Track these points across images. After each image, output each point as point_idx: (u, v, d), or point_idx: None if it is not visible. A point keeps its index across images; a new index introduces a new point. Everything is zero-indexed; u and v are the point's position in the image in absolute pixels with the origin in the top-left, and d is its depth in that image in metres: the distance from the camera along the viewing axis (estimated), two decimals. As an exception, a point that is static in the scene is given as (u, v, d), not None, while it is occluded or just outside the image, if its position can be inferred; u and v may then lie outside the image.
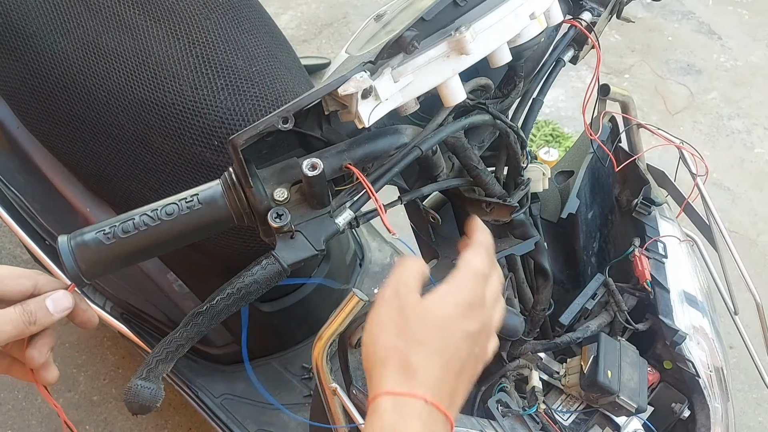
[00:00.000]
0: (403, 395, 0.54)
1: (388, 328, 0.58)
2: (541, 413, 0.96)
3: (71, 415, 1.83)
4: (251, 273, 0.59)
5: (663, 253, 1.09)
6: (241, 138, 0.58)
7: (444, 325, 0.58)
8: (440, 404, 0.55)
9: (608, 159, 1.10)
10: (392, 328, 0.58)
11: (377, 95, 0.61)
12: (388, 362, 0.56)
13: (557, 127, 2.50)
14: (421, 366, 0.56)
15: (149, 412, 0.59)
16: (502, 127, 0.79)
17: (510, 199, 0.83)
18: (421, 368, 0.56)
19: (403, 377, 0.55)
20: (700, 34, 2.90)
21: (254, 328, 1.46)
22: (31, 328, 0.60)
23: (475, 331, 0.59)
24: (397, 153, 0.67)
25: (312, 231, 0.61)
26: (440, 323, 0.58)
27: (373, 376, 0.57)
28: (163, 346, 0.59)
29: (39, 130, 1.21)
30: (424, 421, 0.54)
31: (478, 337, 0.60)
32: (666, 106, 2.63)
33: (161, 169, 1.10)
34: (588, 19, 0.91)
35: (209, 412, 1.44)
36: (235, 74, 1.09)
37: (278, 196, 0.62)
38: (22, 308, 0.60)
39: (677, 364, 1.04)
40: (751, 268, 1.24)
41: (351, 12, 2.94)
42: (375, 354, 0.58)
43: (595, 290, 1.08)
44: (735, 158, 2.48)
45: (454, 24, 0.65)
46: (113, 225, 0.60)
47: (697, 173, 1.15)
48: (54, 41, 1.13)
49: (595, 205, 1.12)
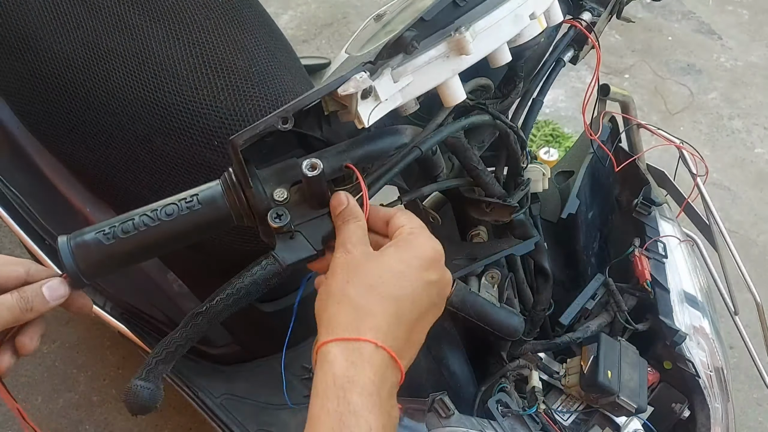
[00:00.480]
0: (352, 340, 0.53)
1: (339, 276, 0.57)
2: (541, 413, 0.96)
3: (71, 415, 1.83)
4: (251, 273, 0.59)
5: (663, 253, 1.09)
6: (241, 138, 0.58)
7: (402, 272, 0.56)
8: (391, 350, 0.53)
9: (608, 159, 1.10)
10: (342, 277, 0.56)
11: (377, 95, 0.61)
12: (336, 308, 0.55)
13: (557, 127, 2.50)
14: (371, 310, 0.54)
15: (149, 413, 0.59)
16: (502, 128, 0.79)
17: (510, 199, 0.83)
18: (371, 312, 0.54)
19: (354, 323, 0.54)
20: (700, 34, 2.90)
21: (254, 328, 1.46)
22: (27, 314, 0.60)
23: (436, 281, 0.58)
24: (397, 153, 0.67)
25: (312, 231, 0.61)
26: (397, 270, 0.56)
27: (321, 325, 0.56)
28: (163, 347, 0.59)
29: (39, 130, 1.21)
30: (376, 367, 0.52)
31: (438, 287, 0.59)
32: (666, 106, 2.63)
33: (161, 170, 1.10)
34: (588, 19, 0.91)
35: (209, 412, 1.44)
36: (235, 74, 1.09)
37: (278, 196, 0.62)
38: (19, 295, 0.60)
39: (677, 364, 1.04)
40: (751, 268, 1.24)
41: (351, 12, 2.94)
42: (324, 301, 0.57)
43: (595, 290, 1.08)
44: (735, 158, 2.48)
45: (454, 24, 0.65)
46: (113, 225, 0.60)
47: (697, 173, 1.15)
48: (54, 41, 1.13)
49: (595, 205, 1.12)
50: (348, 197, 0.62)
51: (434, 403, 0.90)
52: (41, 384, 1.89)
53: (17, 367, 1.90)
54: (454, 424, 0.89)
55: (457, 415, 0.90)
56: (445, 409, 0.89)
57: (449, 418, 0.89)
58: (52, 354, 1.93)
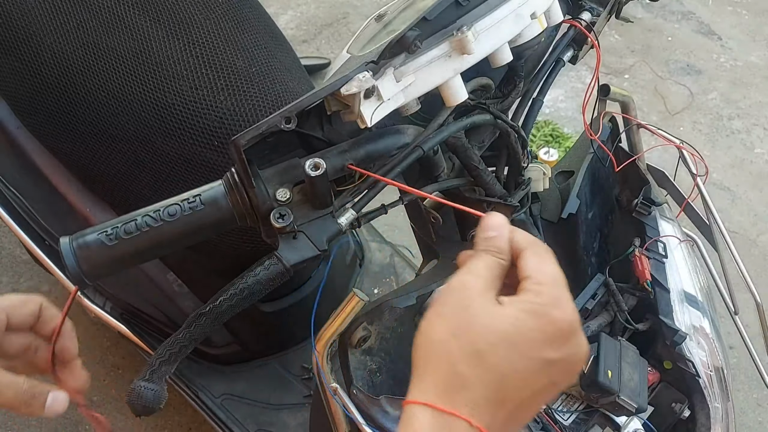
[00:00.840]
0: (446, 413, 0.46)
1: (446, 322, 0.49)
2: (541, 413, 0.96)
3: (71, 415, 1.83)
4: (254, 274, 0.59)
5: (663, 253, 1.09)
6: (244, 138, 0.58)
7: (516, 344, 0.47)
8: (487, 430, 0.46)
9: (608, 159, 1.10)
10: (450, 324, 0.49)
11: (380, 95, 0.61)
12: (434, 365, 0.48)
13: (557, 127, 2.50)
14: (471, 380, 0.47)
15: (152, 414, 0.59)
16: (503, 127, 0.79)
17: (511, 199, 0.84)
18: (470, 383, 0.47)
19: (449, 391, 0.47)
20: (699, 35, 2.90)
21: (254, 328, 1.46)
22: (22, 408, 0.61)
23: (557, 360, 0.48)
24: (399, 153, 0.67)
25: (314, 231, 0.61)
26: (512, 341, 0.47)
27: (415, 375, 0.49)
28: (166, 348, 0.59)
29: (39, 130, 1.21)
30: None
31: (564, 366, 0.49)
32: (666, 106, 2.63)
33: (161, 170, 1.10)
34: (587, 19, 0.91)
35: (209, 412, 1.44)
36: (235, 74, 1.09)
37: (280, 196, 0.62)
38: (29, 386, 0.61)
39: (677, 364, 1.04)
40: (751, 268, 1.24)
41: (351, 12, 2.94)
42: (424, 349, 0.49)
43: (595, 290, 1.07)
44: (735, 158, 2.48)
45: (456, 24, 0.65)
46: (115, 226, 0.60)
47: (697, 173, 1.15)
48: (54, 41, 1.13)
49: (595, 205, 1.12)
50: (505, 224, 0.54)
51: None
52: (41, 384, 1.89)
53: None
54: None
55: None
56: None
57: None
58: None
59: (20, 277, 2.09)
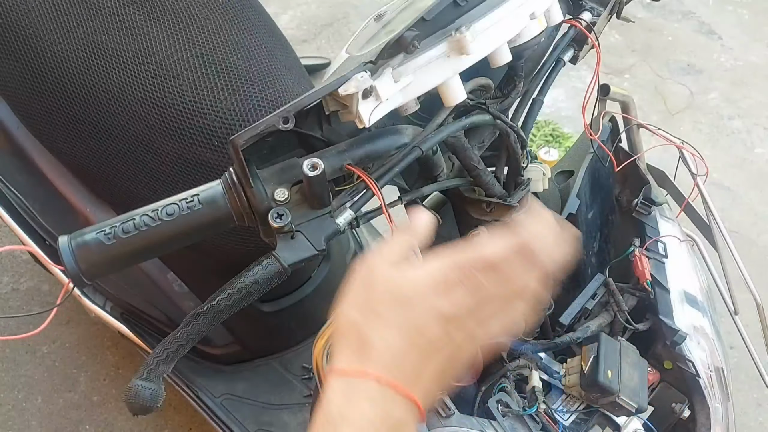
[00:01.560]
0: (352, 375, 0.50)
1: (351, 300, 0.53)
2: (542, 413, 0.96)
3: (71, 415, 1.83)
4: (252, 273, 0.59)
5: (663, 253, 1.09)
6: (242, 138, 0.58)
7: (408, 298, 0.51)
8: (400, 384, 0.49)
9: (608, 159, 1.10)
10: (355, 301, 0.53)
11: (378, 95, 0.61)
12: (345, 338, 0.52)
13: (557, 127, 2.50)
14: (376, 342, 0.50)
15: (150, 413, 0.59)
16: (503, 127, 0.79)
17: (510, 199, 0.84)
18: (376, 344, 0.50)
19: (357, 354, 0.50)
20: (700, 34, 2.90)
21: (254, 328, 1.46)
22: None
23: (451, 314, 0.51)
24: (398, 153, 0.67)
25: (312, 231, 0.61)
26: (404, 296, 0.51)
27: (332, 353, 0.53)
28: (164, 347, 0.59)
29: (39, 130, 1.21)
30: (376, 404, 0.49)
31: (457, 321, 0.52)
32: (666, 106, 2.63)
33: (161, 169, 1.10)
34: (588, 19, 0.91)
35: (209, 412, 1.44)
36: (235, 74, 1.09)
37: (279, 196, 0.62)
38: None
39: (677, 364, 1.04)
40: (751, 268, 1.24)
41: (351, 12, 2.94)
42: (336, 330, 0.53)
43: (595, 290, 1.08)
44: (735, 158, 2.48)
45: (454, 24, 0.65)
46: (114, 225, 0.60)
47: (697, 173, 1.15)
48: (54, 41, 1.13)
49: (595, 205, 1.12)
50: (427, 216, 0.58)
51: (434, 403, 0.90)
52: (41, 384, 1.89)
53: (17, 366, 1.91)
54: (454, 424, 0.89)
55: (458, 414, 0.90)
56: (445, 408, 0.89)
57: (449, 418, 0.89)
58: (52, 354, 1.93)
59: (20, 277, 2.09)
